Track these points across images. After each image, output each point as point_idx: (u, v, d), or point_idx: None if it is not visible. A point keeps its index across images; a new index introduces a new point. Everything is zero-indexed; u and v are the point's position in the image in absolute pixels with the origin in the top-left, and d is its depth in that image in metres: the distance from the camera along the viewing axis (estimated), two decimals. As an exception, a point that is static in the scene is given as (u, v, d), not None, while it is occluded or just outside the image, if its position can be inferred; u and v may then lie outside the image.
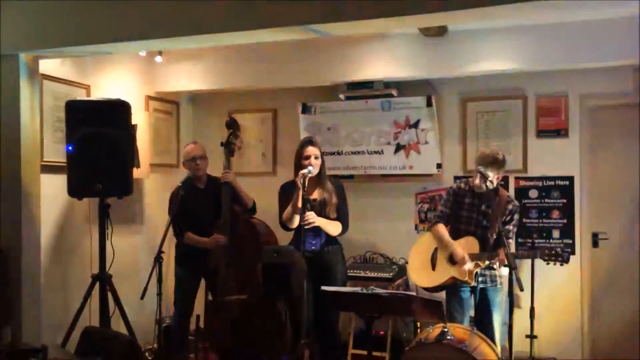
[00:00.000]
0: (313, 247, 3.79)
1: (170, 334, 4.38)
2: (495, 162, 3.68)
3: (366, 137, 4.91)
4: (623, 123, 4.50)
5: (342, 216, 3.88)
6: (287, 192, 3.86)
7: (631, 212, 4.49)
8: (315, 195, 3.88)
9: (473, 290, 3.82)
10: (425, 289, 3.91)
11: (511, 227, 3.79)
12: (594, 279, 4.58)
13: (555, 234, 4.59)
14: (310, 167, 3.71)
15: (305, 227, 3.67)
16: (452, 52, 4.39)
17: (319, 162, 3.84)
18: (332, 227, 3.84)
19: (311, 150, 3.82)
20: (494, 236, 3.71)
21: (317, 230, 3.81)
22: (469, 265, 3.65)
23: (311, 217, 3.70)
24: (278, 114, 5.36)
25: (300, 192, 3.64)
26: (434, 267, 3.87)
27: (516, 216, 3.80)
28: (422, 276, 3.91)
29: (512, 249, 3.83)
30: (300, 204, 3.67)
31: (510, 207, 3.78)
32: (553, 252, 3.55)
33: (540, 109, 4.62)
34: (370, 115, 4.87)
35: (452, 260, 3.76)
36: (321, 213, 3.81)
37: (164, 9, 3.30)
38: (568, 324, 4.54)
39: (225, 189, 4.10)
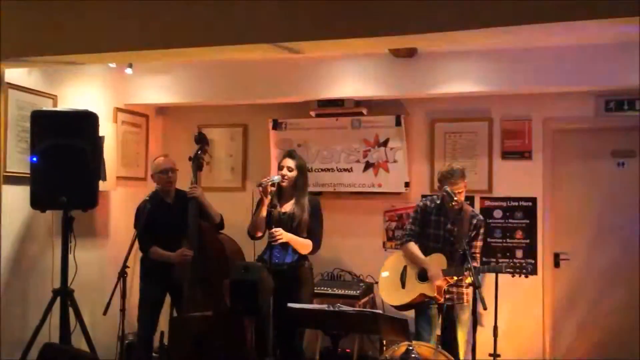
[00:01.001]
0: (277, 260, 3.77)
1: (133, 351, 4.30)
2: (454, 174, 3.74)
3: (336, 155, 4.95)
4: (584, 146, 4.66)
5: (313, 235, 3.85)
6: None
7: (592, 232, 4.61)
8: (287, 208, 3.87)
9: (440, 308, 3.85)
10: (396, 307, 3.93)
11: (479, 243, 3.86)
12: (555, 298, 4.67)
13: (519, 253, 4.68)
14: (276, 177, 3.74)
15: (272, 243, 3.67)
16: (421, 74, 4.48)
17: (293, 174, 3.85)
18: (301, 245, 3.82)
19: (286, 161, 3.88)
20: (461, 252, 3.77)
21: (285, 245, 3.80)
22: (440, 282, 3.69)
23: (278, 233, 3.70)
24: (248, 129, 5.36)
25: (266, 202, 3.64)
26: (403, 285, 3.90)
27: (482, 230, 3.87)
28: (392, 295, 3.93)
29: (479, 264, 3.89)
30: (264, 213, 3.66)
31: (474, 221, 3.85)
32: (517, 264, 3.69)
33: (505, 131, 4.73)
34: (340, 132, 4.92)
35: (422, 277, 3.80)
36: (289, 227, 3.80)
37: (134, 22, 3.27)
38: (531, 343, 4.61)
39: (192, 204, 4.05)
